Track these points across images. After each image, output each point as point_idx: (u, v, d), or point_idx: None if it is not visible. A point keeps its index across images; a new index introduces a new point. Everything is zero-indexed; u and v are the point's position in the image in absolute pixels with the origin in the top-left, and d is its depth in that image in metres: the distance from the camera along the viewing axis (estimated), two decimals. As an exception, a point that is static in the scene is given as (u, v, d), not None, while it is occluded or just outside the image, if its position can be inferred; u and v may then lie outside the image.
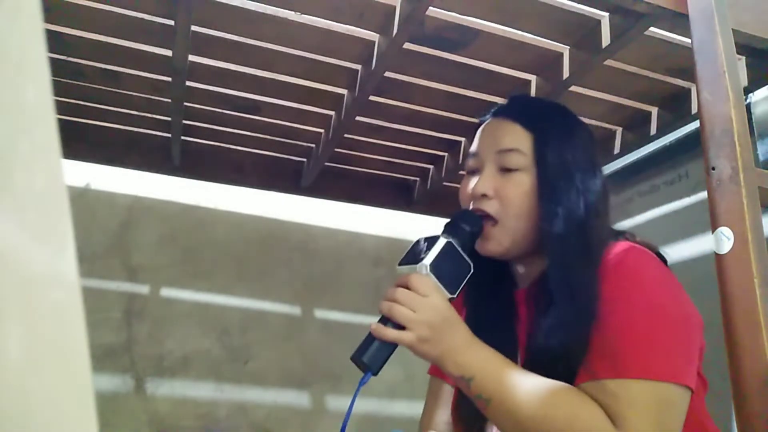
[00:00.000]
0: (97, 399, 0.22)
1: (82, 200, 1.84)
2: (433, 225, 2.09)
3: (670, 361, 0.68)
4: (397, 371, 1.99)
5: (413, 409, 2.00)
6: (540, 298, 0.79)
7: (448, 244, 0.77)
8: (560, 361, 0.72)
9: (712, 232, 0.77)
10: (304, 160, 1.84)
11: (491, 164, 0.84)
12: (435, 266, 0.74)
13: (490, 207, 0.81)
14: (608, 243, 0.78)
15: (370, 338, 0.74)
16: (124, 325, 1.79)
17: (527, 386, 0.70)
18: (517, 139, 0.83)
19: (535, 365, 0.74)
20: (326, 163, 1.73)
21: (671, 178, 1.62)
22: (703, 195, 1.47)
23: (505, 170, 0.82)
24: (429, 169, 1.86)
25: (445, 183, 1.82)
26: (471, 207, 0.84)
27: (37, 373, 0.21)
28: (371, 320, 0.75)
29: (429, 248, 0.77)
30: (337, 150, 1.68)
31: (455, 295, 0.76)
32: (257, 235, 2.00)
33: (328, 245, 2.08)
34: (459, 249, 0.77)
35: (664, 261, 0.80)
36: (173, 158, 1.73)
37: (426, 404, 0.99)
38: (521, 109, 0.88)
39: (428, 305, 0.72)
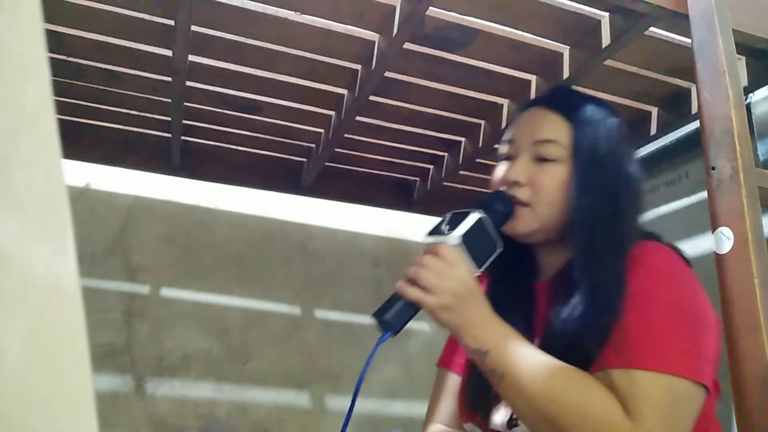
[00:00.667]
0: (97, 399, 0.22)
1: (82, 200, 1.84)
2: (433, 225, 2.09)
3: (688, 358, 0.69)
4: (397, 371, 1.99)
5: (413, 409, 2.00)
6: (561, 291, 0.80)
7: (480, 220, 0.78)
8: (577, 348, 0.73)
9: (712, 232, 0.77)
10: (304, 160, 1.84)
11: (526, 153, 0.84)
12: (465, 239, 0.76)
13: (521, 194, 0.82)
14: (636, 240, 0.79)
15: (394, 299, 0.76)
16: (124, 325, 1.79)
17: (543, 366, 0.70)
18: (556, 130, 0.83)
19: (551, 352, 0.74)
20: (326, 163, 1.73)
21: (671, 178, 1.62)
22: (703, 195, 1.47)
23: (541, 160, 0.83)
24: (429, 169, 1.86)
25: (445, 183, 1.82)
26: None
27: (37, 373, 0.21)
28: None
29: (460, 222, 0.78)
30: (337, 150, 1.68)
31: (480, 271, 0.77)
32: (257, 235, 2.00)
33: (328, 245, 2.08)
34: (489, 226, 0.78)
35: (688, 263, 0.81)
36: (173, 158, 1.73)
37: (433, 395, 1.00)
38: (562, 100, 0.88)
39: (454, 275, 0.73)
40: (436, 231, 0.80)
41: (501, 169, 0.87)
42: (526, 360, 0.71)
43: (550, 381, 0.69)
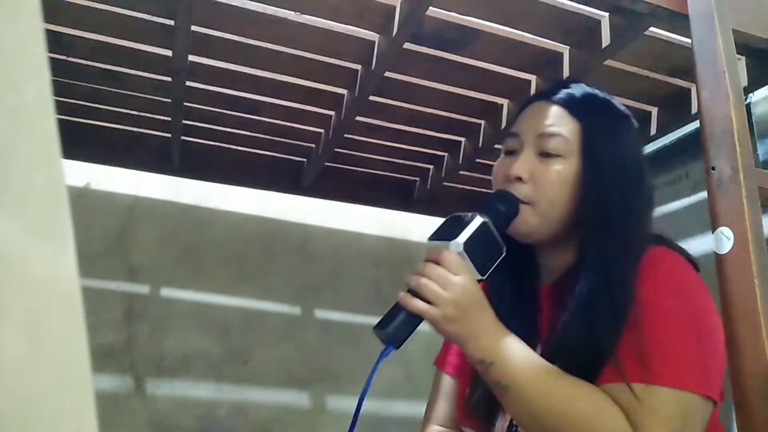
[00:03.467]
0: (97, 399, 0.22)
1: (82, 200, 1.84)
2: (434, 225, 2.09)
3: (701, 372, 0.68)
4: (397, 371, 1.99)
5: (413, 409, 2.00)
6: (566, 294, 0.78)
7: (483, 224, 0.75)
8: (582, 357, 0.71)
9: (712, 232, 0.77)
10: (304, 160, 1.84)
11: (530, 147, 0.81)
12: (468, 245, 0.73)
13: (523, 190, 0.79)
14: (647, 245, 0.77)
15: (395, 310, 0.74)
16: (124, 325, 1.79)
17: (549, 378, 0.69)
18: (562, 123, 0.80)
19: (555, 359, 0.73)
20: (326, 163, 1.73)
21: (671, 178, 1.62)
22: (703, 195, 1.47)
23: (545, 155, 0.79)
24: (429, 169, 1.86)
25: (445, 183, 1.82)
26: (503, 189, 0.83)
27: (37, 373, 0.21)
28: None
29: (463, 226, 0.75)
30: (337, 150, 1.68)
31: (485, 277, 0.75)
32: (257, 235, 2.00)
33: (328, 245, 2.08)
34: (493, 230, 0.75)
35: (697, 268, 0.79)
36: (173, 158, 1.73)
37: (430, 396, 0.99)
38: (570, 94, 0.84)
39: (458, 284, 0.71)
40: (437, 236, 0.77)
41: (503, 164, 0.84)
42: (532, 372, 0.69)
43: (556, 394, 0.68)
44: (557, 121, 0.80)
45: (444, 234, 0.77)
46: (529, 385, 0.69)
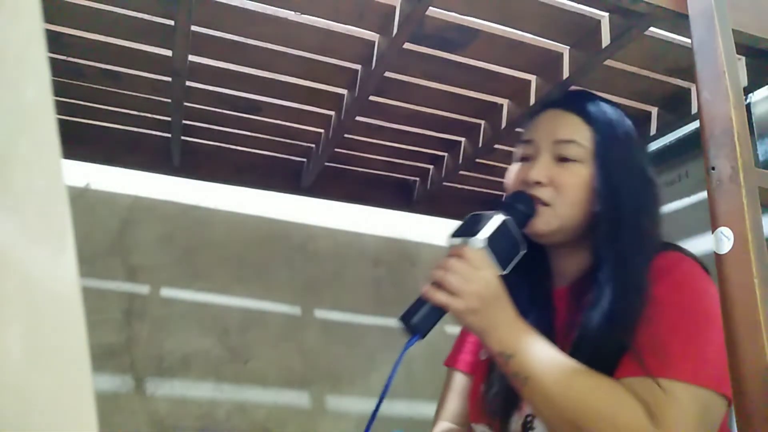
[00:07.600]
0: (97, 399, 0.22)
1: (82, 200, 1.84)
2: (434, 225, 2.09)
3: (718, 371, 0.69)
4: (398, 371, 1.99)
5: (413, 409, 2.00)
6: (582, 296, 0.81)
7: (504, 221, 0.78)
8: (604, 354, 0.73)
9: (712, 232, 0.77)
10: (304, 160, 1.84)
11: (547, 153, 0.85)
12: (490, 241, 0.76)
13: (543, 194, 0.83)
14: (659, 249, 0.81)
15: (420, 303, 0.77)
16: (124, 325, 1.79)
17: (568, 370, 0.70)
18: (577, 131, 0.85)
19: (574, 354, 0.74)
20: (326, 163, 1.73)
21: (671, 178, 1.62)
22: (703, 195, 1.47)
23: (562, 160, 0.84)
24: (429, 169, 1.86)
25: (445, 183, 1.82)
26: None
27: (37, 373, 0.21)
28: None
29: (483, 223, 0.78)
30: (337, 150, 1.68)
31: (505, 272, 0.78)
32: (257, 235, 2.00)
33: (328, 245, 2.08)
34: (513, 228, 0.79)
35: (709, 274, 0.82)
36: (173, 158, 1.73)
37: (441, 393, 1.00)
38: (579, 102, 0.89)
39: (480, 278, 0.74)
40: (460, 233, 0.80)
41: (518, 170, 0.88)
42: (551, 364, 0.71)
43: (575, 385, 0.69)
44: (573, 128, 0.85)
45: (465, 231, 0.80)
46: (548, 377, 0.70)
